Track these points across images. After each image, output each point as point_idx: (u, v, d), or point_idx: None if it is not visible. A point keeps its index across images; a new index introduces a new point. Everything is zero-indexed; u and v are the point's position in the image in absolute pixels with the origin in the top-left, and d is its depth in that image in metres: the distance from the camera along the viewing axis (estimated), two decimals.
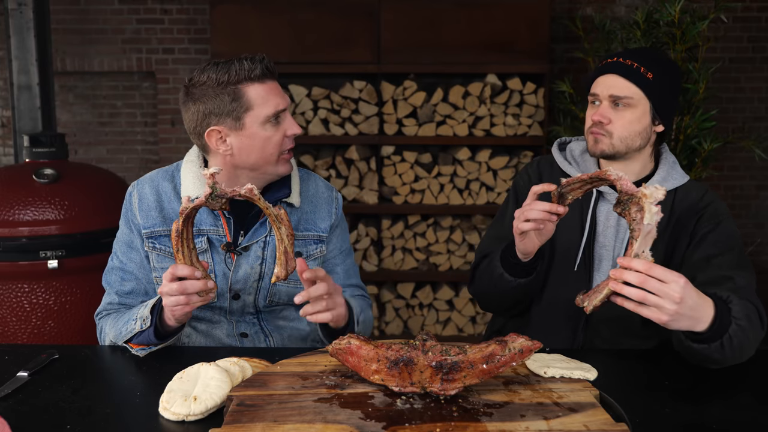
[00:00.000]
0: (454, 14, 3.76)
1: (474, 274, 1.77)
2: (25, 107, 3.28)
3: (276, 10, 3.78)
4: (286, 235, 1.36)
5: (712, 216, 1.61)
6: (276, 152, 1.55)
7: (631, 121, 1.60)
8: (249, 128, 1.52)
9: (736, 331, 1.31)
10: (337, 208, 1.74)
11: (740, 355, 1.36)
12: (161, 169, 1.70)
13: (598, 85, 1.65)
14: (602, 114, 1.61)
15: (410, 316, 4.01)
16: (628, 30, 3.19)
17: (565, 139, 1.85)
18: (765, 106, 4.49)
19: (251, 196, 1.33)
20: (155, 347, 1.48)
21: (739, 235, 1.61)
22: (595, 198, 1.67)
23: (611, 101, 1.61)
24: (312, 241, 1.68)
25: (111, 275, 1.66)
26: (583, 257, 1.66)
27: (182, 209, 1.35)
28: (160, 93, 4.48)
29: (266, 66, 1.53)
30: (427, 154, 3.92)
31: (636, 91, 1.59)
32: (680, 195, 1.66)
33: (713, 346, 1.31)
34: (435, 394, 1.18)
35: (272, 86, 1.54)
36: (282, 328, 1.70)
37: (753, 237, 4.52)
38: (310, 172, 1.78)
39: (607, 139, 1.61)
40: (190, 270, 1.36)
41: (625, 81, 1.60)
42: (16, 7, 3.25)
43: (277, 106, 1.53)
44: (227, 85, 1.49)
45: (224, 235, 1.60)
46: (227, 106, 1.50)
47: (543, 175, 1.78)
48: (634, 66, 1.60)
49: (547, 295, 1.70)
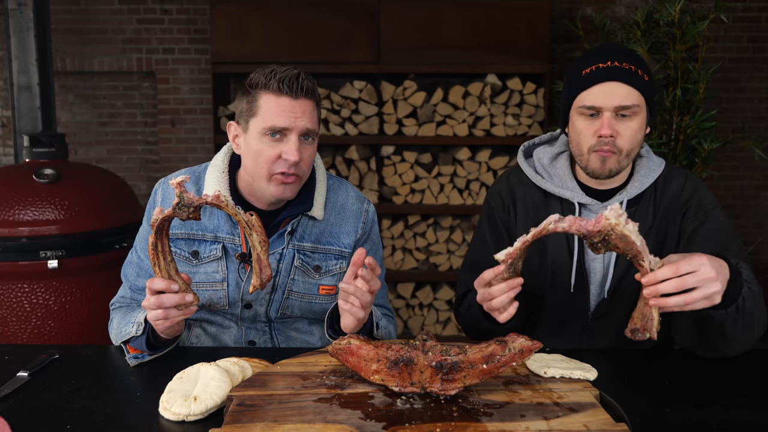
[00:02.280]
0: (453, 14, 3.76)
1: (458, 309, 1.73)
2: (25, 107, 3.28)
3: (276, 10, 3.78)
4: (258, 241, 1.31)
5: (697, 209, 1.56)
6: (266, 168, 1.48)
7: (636, 131, 1.49)
8: (250, 134, 1.51)
9: (748, 294, 1.31)
10: (365, 222, 1.67)
11: (750, 328, 1.34)
12: (189, 168, 1.69)
13: (596, 94, 1.48)
14: (612, 127, 1.46)
15: (410, 316, 4.01)
16: (628, 30, 3.19)
17: (531, 142, 1.74)
18: (765, 106, 4.49)
19: (218, 203, 1.29)
20: (149, 357, 1.46)
21: (729, 223, 1.56)
22: (578, 211, 1.60)
23: (615, 112, 1.48)
24: (332, 256, 1.63)
25: (128, 269, 1.67)
26: (576, 274, 1.61)
27: (153, 221, 1.32)
28: (160, 93, 4.48)
29: (284, 82, 1.46)
30: (427, 154, 3.92)
31: (640, 98, 1.48)
32: (661, 185, 1.60)
33: (729, 311, 1.30)
34: (435, 394, 1.18)
35: (289, 103, 1.46)
36: (292, 339, 1.68)
37: (753, 237, 4.52)
38: (343, 180, 1.72)
39: (616, 156, 1.49)
40: (166, 284, 1.33)
41: (630, 88, 1.47)
42: (16, 7, 3.25)
43: (278, 123, 1.46)
44: (250, 87, 1.51)
45: (240, 245, 1.58)
46: (244, 106, 1.52)
47: (515, 193, 1.68)
48: (632, 69, 1.47)
49: (546, 314, 1.67)
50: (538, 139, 1.75)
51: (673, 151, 3.08)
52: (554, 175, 1.64)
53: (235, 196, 1.59)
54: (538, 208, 1.66)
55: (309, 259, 1.62)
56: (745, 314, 1.31)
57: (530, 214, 1.66)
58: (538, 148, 1.71)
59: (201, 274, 1.58)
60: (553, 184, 1.63)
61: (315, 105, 1.52)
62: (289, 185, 1.51)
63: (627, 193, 1.58)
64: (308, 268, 1.62)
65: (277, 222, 1.58)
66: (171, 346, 1.50)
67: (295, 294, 1.62)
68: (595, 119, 1.50)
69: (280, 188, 1.50)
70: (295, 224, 1.60)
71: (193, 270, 1.58)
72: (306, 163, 1.52)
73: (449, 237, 3.95)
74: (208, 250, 1.58)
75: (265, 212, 1.59)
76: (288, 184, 1.51)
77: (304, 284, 1.62)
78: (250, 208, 1.59)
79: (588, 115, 1.51)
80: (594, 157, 1.51)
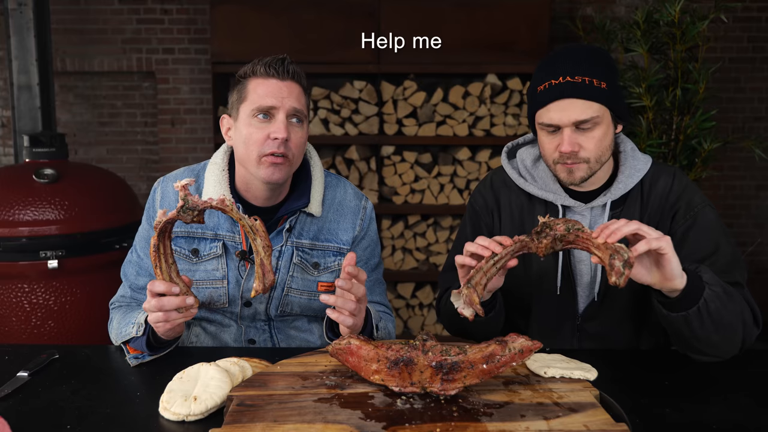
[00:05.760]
0: (454, 14, 3.76)
1: (439, 306, 1.72)
2: (25, 107, 3.28)
3: (276, 10, 3.78)
4: (261, 246, 1.31)
5: (687, 209, 1.54)
6: (255, 151, 1.49)
7: (601, 138, 1.48)
8: (240, 120, 1.52)
9: (710, 296, 1.32)
10: (363, 218, 1.68)
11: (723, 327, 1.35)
12: (188, 167, 1.69)
13: (552, 111, 1.47)
14: (571, 143, 1.46)
15: (410, 316, 4.01)
16: (628, 30, 3.19)
17: (515, 142, 1.73)
18: (765, 106, 4.49)
19: (223, 207, 1.29)
20: (149, 357, 1.46)
21: (719, 220, 1.55)
22: (562, 214, 1.59)
23: (575, 126, 1.46)
24: (331, 252, 1.64)
25: (128, 268, 1.67)
26: (562, 277, 1.60)
27: (156, 223, 1.32)
28: (160, 93, 4.48)
29: (270, 64, 1.51)
30: (427, 154, 3.92)
31: (598, 108, 1.45)
32: (648, 184, 1.59)
33: (692, 313, 1.32)
34: (435, 394, 1.18)
35: (276, 84, 1.50)
36: (292, 337, 1.69)
37: (753, 237, 4.52)
38: (341, 178, 1.73)
39: (583, 165, 1.49)
40: (167, 286, 1.34)
41: (585, 102, 1.44)
42: (16, 7, 3.25)
43: (265, 102, 1.48)
44: (239, 78, 1.55)
45: (240, 243, 1.58)
46: (234, 96, 1.56)
47: (499, 195, 1.68)
48: (586, 82, 1.44)
49: (535, 317, 1.66)
50: (522, 139, 1.73)
51: (673, 151, 3.08)
52: (537, 177, 1.63)
53: (233, 194, 1.59)
54: (523, 210, 1.65)
55: (307, 256, 1.62)
56: (711, 315, 1.32)
57: (515, 216, 1.65)
58: (521, 149, 1.69)
59: (201, 272, 1.58)
60: (537, 187, 1.62)
61: (302, 90, 1.54)
62: (278, 166, 1.50)
63: (611, 194, 1.57)
64: (307, 265, 1.62)
65: (275, 219, 1.59)
66: (171, 346, 1.50)
67: (294, 291, 1.62)
68: (556, 134, 1.50)
69: (269, 170, 1.49)
70: (293, 221, 1.60)
71: (193, 268, 1.58)
72: (295, 146, 1.52)
73: (449, 237, 3.95)
74: (208, 248, 1.59)
75: (263, 210, 1.60)
76: (278, 165, 1.50)
77: (303, 281, 1.62)
78: (246, 205, 1.59)
79: (549, 131, 1.51)
80: (560, 169, 1.52)
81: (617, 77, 1.51)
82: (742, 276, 1.48)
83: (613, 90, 1.48)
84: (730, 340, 1.39)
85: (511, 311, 1.66)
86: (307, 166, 1.66)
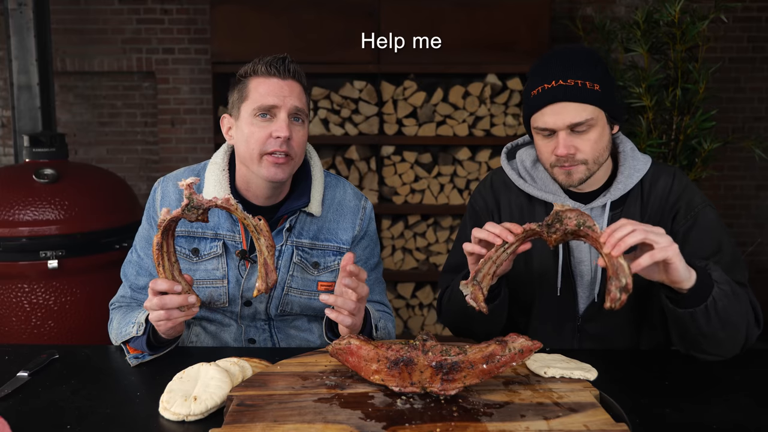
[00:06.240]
0: (454, 14, 3.76)
1: (440, 306, 1.72)
2: (25, 107, 3.28)
3: (276, 10, 3.78)
4: (265, 246, 1.31)
5: (687, 209, 1.54)
6: (257, 149, 1.49)
7: (596, 140, 1.48)
8: (241, 119, 1.53)
9: (719, 294, 1.32)
10: (363, 218, 1.68)
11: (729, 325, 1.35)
12: (189, 167, 1.69)
13: (547, 115, 1.47)
14: (567, 146, 1.47)
15: (410, 316, 4.01)
16: (628, 30, 3.19)
17: (515, 143, 1.72)
18: (765, 106, 4.49)
19: (228, 206, 1.30)
20: (149, 357, 1.46)
21: (719, 220, 1.55)
22: None
23: (570, 129, 1.47)
24: (330, 252, 1.64)
25: (128, 268, 1.67)
26: (563, 277, 1.60)
27: (160, 221, 1.32)
28: (160, 93, 4.48)
29: (271, 63, 1.52)
30: (427, 154, 3.92)
31: (592, 110, 1.46)
32: (647, 184, 1.58)
33: (699, 311, 1.32)
34: (435, 394, 1.18)
35: (277, 83, 1.51)
36: (292, 337, 1.69)
37: (753, 237, 4.52)
38: (340, 178, 1.73)
39: (582, 167, 1.49)
40: (169, 284, 1.34)
41: (578, 105, 1.45)
42: (16, 7, 3.25)
43: (267, 101, 1.49)
44: (240, 78, 1.56)
45: (240, 242, 1.59)
46: (235, 96, 1.56)
47: (499, 196, 1.68)
48: (579, 84, 1.45)
49: (535, 317, 1.66)
50: (522, 140, 1.73)
51: (673, 151, 3.08)
52: (537, 178, 1.63)
53: (233, 194, 1.59)
54: (523, 211, 1.65)
55: (307, 255, 1.62)
56: (719, 313, 1.33)
57: (515, 217, 1.65)
58: (521, 150, 1.69)
59: (201, 272, 1.59)
60: (536, 188, 1.62)
61: (303, 89, 1.55)
62: (281, 166, 1.51)
63: (611, 194, 1.56)
64: (307, 265, 1.62)
65: (275, 219, 1.59)
66: (171, 346, 1.50)
67: (294, 290, 1.62)
68: (552, 138, 1.50)
69: (272, 169, 1.50)
70: (293, 221, 1.61)
71: (194, 267, 1.58)
72: (297, 144, 1.53)
73: (449, 237, 3.95)
74: (208, 248, 1.59)
75: (263, 209, 1.60)
76: (280, 165, 1.50)
77: (303, 280, 1.62)
78: (246, 204, 1.60)
79: (545, 135, 1.51)
80: (558, 172, 1.52)
81: (610, 77, 1.51)
82: (743, 276, 1.48)
83: (606, 91, 1.48)
84: (734, 339, 1.39)
85: (513, 309, 1.66)
86: (307, 166, 1.66)
